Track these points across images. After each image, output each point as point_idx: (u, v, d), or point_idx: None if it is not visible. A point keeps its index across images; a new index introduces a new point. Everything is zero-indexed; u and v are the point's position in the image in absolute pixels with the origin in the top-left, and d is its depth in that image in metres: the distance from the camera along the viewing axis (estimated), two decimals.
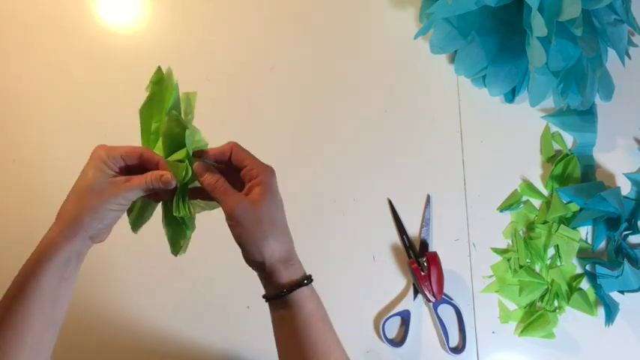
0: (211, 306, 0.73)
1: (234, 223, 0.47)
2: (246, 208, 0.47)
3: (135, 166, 0.50)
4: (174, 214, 0.49)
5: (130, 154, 0.49)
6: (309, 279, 0.51)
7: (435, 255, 0.71)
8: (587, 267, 0.72)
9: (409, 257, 0.73)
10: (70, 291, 0.48)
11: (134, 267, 0.74)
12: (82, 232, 0.47)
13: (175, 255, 0.53)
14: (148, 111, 0.51)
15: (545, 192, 0.75)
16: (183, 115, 0.51)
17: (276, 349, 0.51)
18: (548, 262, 0.73)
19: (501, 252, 0.73)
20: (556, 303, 0.71)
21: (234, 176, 0.50)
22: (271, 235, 0.47)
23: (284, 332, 0.50)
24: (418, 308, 0.72)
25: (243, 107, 0.80)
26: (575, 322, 0.71)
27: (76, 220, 0.47)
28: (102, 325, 0.73)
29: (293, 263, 0.50)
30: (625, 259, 0.69)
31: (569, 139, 0.77)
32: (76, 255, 0.47)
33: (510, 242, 0.74)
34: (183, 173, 0.48)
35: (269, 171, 0.49)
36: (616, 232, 0.72)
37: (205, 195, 0.49)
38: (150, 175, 0.48)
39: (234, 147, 0.50)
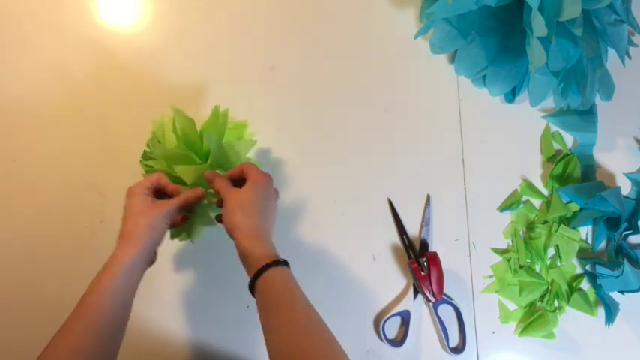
0: (211, 306, 0.73)
1: (223, 203, 0.60)
2: (231, 193, 0.60)
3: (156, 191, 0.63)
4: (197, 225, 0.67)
5: (153, 182, 0.62)
6: (278, 261, 0.55)
7: (435, 255, 0.71)
8: (587, 267, 0.72)
9: (409, 257, 0.73)
10: (132, 299, 0.56)
11: None
12: (145, 244, 0.56)
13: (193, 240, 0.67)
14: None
15: (545, 192, 0.75)
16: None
17: None
18: (548, 262, 0.73)
19: (501, 252, 0.73)
20: (556, 303, 0.71)
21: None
22: (241, 212, 0.58)
23: (261, 318, 0.53)
24: (418, 308, 0.72)
25: (243, 107, 0.80)
26: (575, 322, 0.71)
27: (139, 236, 0.56)
28: None
29: (262, 242, 0.57)
30: (625, 259, 0.69)
31: (569, 139, 0.77)
32: (141, 265, 0.57)
33: (510, 242, 0.74)
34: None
35: (262, 175, 0.61)
36: (616, 232, 0.72)
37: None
38: (187, 194, 0.62)
39: (246, 166, 0.62)
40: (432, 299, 0.70)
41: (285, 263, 0.56)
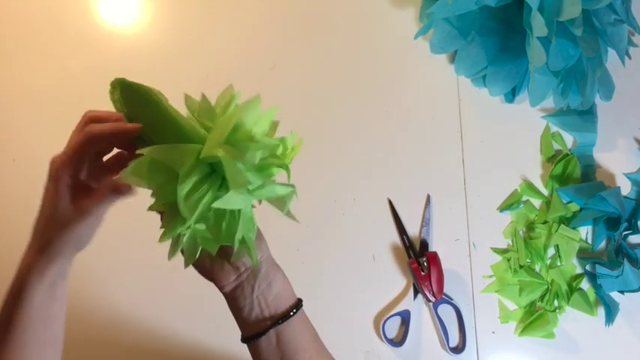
0: (210, 306, 0.73)
1: None
2: None
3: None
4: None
5: (87, 145, 0.43)
6: (298, 306, 0.46)
7: (435, 255, 0.71)
8: (587, 267, 0.72)
9: (409, 257, 0.73)
10: (62, 308, 0.47)
11: (133, 267, 0.74)
12: (60, 257, 0.45)
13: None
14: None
15: (545, 192, 0.75)
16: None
17: None
18: (548, 262, 0.73)
19: (501, 252, 0.73)
20: (556, 303, 0.71)
21: None
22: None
23: None
24: (418, 308, 0.72)
25: None
26: (575, 322, 0.71)
27: (51, 248, 0.44)
28: (100, 325, 0.73)
29: (274, 276, 0.46)
30: (625, 259, 0.69)
31: (569, 139, 0.77)
32: (61, 276, 0.46)
33: (510, 242, 0.74)
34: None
35: None
36: (616, 232, 0.72)
37: None
38: (107, 185, 0.44)
39: None
40: (432, 299, 0.70)
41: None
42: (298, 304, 0.46)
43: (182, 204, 0.38)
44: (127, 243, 0.75)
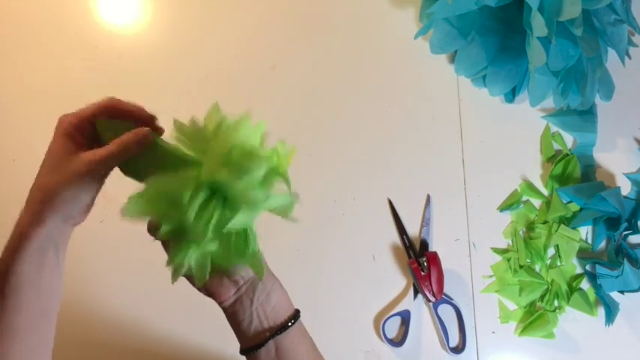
0: (210, 307, 0.73)
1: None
2: None
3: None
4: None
5: (101, 110, 0.43)
6: (296, 316, 0.47)
7: (435, 255, 0.71)
8: (587, 267, 0.72)
9: (409, 257, 0.73)
10: (55, 280, 0.44)
11: (133, 267, 0.74)
12: (52, 218, 0.42)
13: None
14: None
15: (545, 192, 0.75)
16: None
17: None
18: (548, 262, 0.73)
19: (501, 252, 0.73)
20: (556, 303, 0.71)
21: None
22: None
23: None
24: (418, 308, 0.72)
25: (243, 107, 0.80)
26: (575, 322, 0.71)
27: (42, 207, 0.42)
28: (99, 326, 0.73)
29: (272, 288, 0.46)
30: (625, 259, 0.69)
31: (569, 139, 0.77)
32: (53, 243, 0.43)
33: (510, 242, 0.74)
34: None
35: None
36: (616, 232, 0.72)
37: None
38: (119, 141, 0.41)
39: None
40: (432, 299, 0.70)
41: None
42: (296, 314, 0.47)
43: (193, 229, 0.38)
44: (127, 243, 0.75)
